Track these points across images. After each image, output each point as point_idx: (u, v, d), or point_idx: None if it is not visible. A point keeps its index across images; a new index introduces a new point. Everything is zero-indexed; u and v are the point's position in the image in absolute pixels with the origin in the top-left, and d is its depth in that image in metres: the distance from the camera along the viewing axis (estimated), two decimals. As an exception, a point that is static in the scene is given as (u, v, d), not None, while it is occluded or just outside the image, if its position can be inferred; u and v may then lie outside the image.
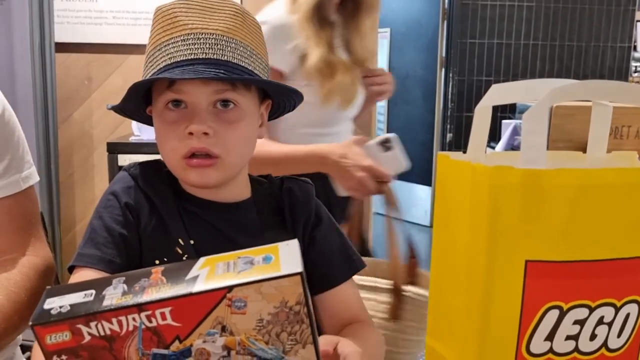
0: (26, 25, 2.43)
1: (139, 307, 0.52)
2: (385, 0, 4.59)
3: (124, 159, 2.21)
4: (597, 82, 0.54)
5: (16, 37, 2.44)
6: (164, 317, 0.53)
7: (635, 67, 4.30)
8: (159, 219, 0.85)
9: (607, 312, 0.55)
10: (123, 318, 0.52)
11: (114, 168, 2.23)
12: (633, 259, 0.55)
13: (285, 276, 0.52)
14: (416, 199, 4.53)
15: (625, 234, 0.54)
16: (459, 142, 4.23)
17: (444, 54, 4.28)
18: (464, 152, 0.61)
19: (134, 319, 0.53)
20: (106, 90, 2.64)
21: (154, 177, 0.88)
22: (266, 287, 0.53)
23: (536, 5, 3.99)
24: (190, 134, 0.78)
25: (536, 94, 0.54)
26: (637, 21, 4.16)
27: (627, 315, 0.56)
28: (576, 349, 0.55)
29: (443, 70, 4.30)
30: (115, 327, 0.53)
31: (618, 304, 0.55)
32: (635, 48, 4.25)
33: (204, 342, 0.54)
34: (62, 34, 2.61)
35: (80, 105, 2.68)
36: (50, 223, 2.46)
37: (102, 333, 0.53)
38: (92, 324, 0.52)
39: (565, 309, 0.54)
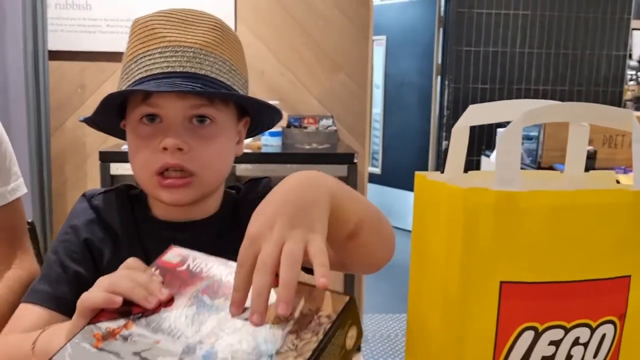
0: (19, 32, 2.43)
1: None
2: (381, 8, 4.63)
3: (116, 168, 2.22)
4: (572, 105, 0.53)
5: (9, 45, 2.44)
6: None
7: (631, 75, 4.32)
8: (124, 253, 0.80)
9: (583, 333, 0.55)
10: None
11: (106, 177, 2.23)
12: (608, 279, 0.55)
13: (341, 293, 0.54)
14: (411, 207, 4.53)
15: (601, 255, 0.54)
16: (454, 150, 4.24)
17: (439, 62, 4.30)
18: (442, 171, 0.61)
19: None
20: (99, 98, 2.62)
21: (118, 206, 0.85)
22: (317, 292, 0.54)
23: (532, 13, 4.00)
24: (165, 149, 0.75)
25: (513, 115, 0.54)
26: (633, 29, 4.18)
27: (603, 336, 0.56)
28: (552, 370, 0.55)
29: (439, 77, 4.32)
30: None
31: (593, 325, 0.55)
32: (630, 56, 4.26)
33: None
34: (55, 42, 2.62)
35: (73, 113, 2.69)
36: (42, 232, 2.45)
37: None
38: None
39: (540, 329, 0.54)
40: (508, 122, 0.53)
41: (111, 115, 0.83)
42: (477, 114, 0.59)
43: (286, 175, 0.95)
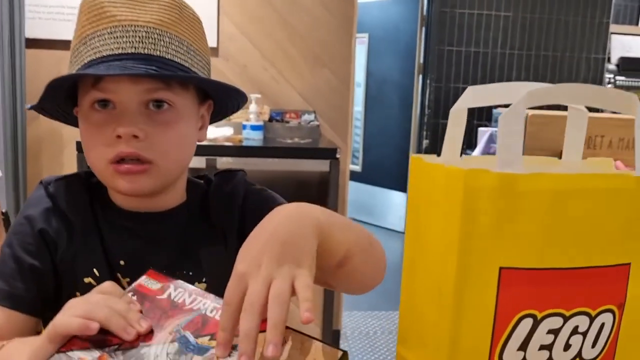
0: (-4, 19, 2.36)
1: None
2: (364, 6, 4.62)
3: (94, 159, 2.16)
4: (574, 86, 0.52)
5: (-15, 32, 2.38)
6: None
7: (609, 78, 4.37)
8: (79, 245, 0.78)
9: (582, 322, 0.54)
10: None
11: (83, 167, 2.18)
12: (608, 267, 0.53)
13: (334, 346, 0.54)
14: (391, 205, 4.54)
15: (602, 242, 0.52)
16: (435, 148, 4.25)
17: (421, 61, 4.31)
18: (439, 156, 0.59)
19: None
20: (78, 88, 2.58)
21: (75, 194, 0.80)
22: (310, 343, 0.54)
23: (513, 15, 4.03)
24: (119, 137, 0.70)
25: (512, 97, 0.53)
26: (611, 33, 4.23)
27: (602, 325, 0.55)
28: (550, 359, 0.54)
29: (420, 76, 4.32)
30: None
31: (593, 313, 0.54)
32: (609, 60, 4.31)
33: None
34: (33, 30, 2.55)
35: (51, 102, 2.62)
36: (16, 223, 2.39)
37: None
38: None
39: (539, 317, 0.52)
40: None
41: (62, 101, 0.78)
42: (476, 96, 0.57)
43: (267, 169, 0.93)
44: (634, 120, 0.52)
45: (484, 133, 3.36)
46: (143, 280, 0.64)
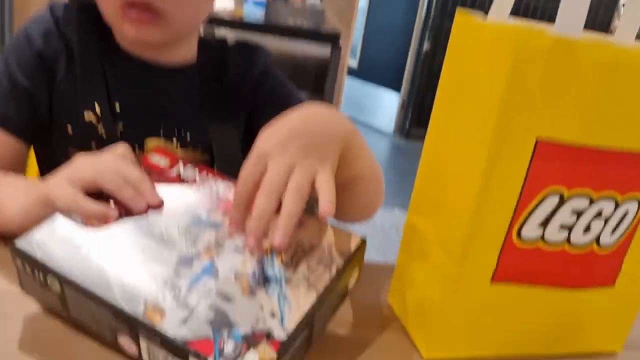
0: None
1: None
2: None
3: None
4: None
5: None
6: None
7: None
8: (76, 76, 0.73)
9: (607, 206, 0.52)
10: None
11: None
12: (646, 153, 0.51)
13: (350, 231, 0.53)
14: (382, 104, 4.48)
15: (645, 126, 0.50)
16: (435, 53, 4.14)
17: (434, -42, 4.09)
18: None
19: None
20: None
21: (82, 22, 0.74)
22: (326, 227, 0.53)
23: None
24: None
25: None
26: None
27: (626, 213, 0.53)
28: (567, 240, 0.52)
29: (431, -26, 4.13)
30: None
31: (620, 200, 0.52)
32: None
33: None
34: None
35: None
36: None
37: None
38: None
39: (566, 196, 0.50)
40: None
41: None
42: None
43: (267, 48, 0.88)
44: None
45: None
46: (149, 155, 0.60)
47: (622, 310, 0.60)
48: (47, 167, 0.82)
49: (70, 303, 0.48)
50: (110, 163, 0.54)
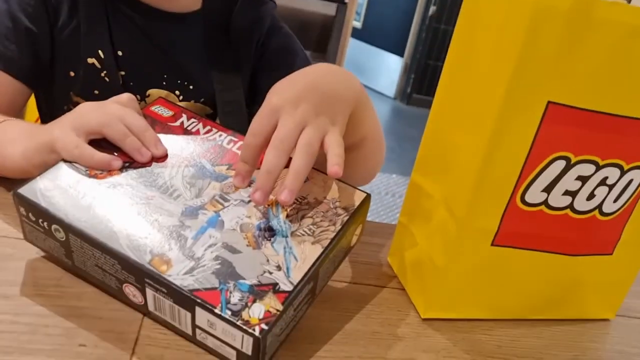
0: None
1: None
2: None
3: None
4: None
5: None
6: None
7: None
8: (79, 20, 0.72)
9: (612, 174, 0.52)
10: None
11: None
12: (656, 122, 0.50)
13: (355, 187, 0.53)
14: (385, 68, 4.44)
15: (657, 94, 0.49)
16: (441, 17, 4.08)
17: None
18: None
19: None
20: None
21: None
22: (332, 181, 0.53)
23: None
24: None
25: None
26: None
27: (630, 182, 0.53)
28: (570, 206, 0.52)
29: (441, -64, 4.04)
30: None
31: (625, 167, 0.52)
32: None
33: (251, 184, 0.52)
34: None
35: None
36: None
37: None
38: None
39: (572, 161, 0.50)
40: None
41: None
42: None
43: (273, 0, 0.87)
44: None
45: None
46: (152, 106, 0.59)
47: (618, 278, 0.60)
48: (48, 113, 0.81)
49: (75, 252, 0.47)
50: (115, 112, 0.54)
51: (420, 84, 4.26)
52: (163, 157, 0.54)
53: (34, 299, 0.46)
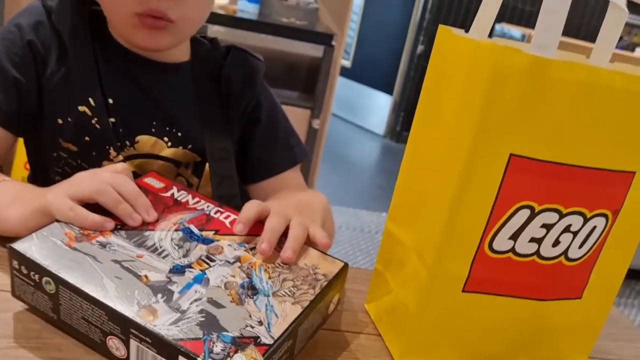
0: None
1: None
2: None
3: None
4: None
5: None
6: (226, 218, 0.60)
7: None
8: (69, 68, 0.74)
9: (576, 221, 0.54)
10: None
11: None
12: (615, 172, 0.53)
13: (337, 258, 0.58)
14: (375, 106, 4.50)
15: (615, 145, 0.51)
16: (428, 56, 4.15)
17: (431, -39, 4.11)
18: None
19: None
20: None
21: (75, 14, 0.75)
22: (314, 252, 0.58)
23: None
24: None
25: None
26: None
27: (594, 228, 0.55)
28: (537, 253, 0.54)
29: (427, -22, 4.14)
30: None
31: (588, 215, 0.54)
32: None
33: (229, 244, 0.56)
34: None
35: None
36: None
37: None
38: None
39: (537, 210, 0.52)
40: None
41: None
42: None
43: (259, 45, 0.92)
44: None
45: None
46: (145, 178, 0.63)
47: (589, 321, 0.62)
48: (38, 160, 0.82)
49: (63, 304, 0.49)
50: (108, 179, 0.57)
51: (410, 121, 4.30)
52: (154, 223, 0.57)
53: (16, 350, 0.47)
